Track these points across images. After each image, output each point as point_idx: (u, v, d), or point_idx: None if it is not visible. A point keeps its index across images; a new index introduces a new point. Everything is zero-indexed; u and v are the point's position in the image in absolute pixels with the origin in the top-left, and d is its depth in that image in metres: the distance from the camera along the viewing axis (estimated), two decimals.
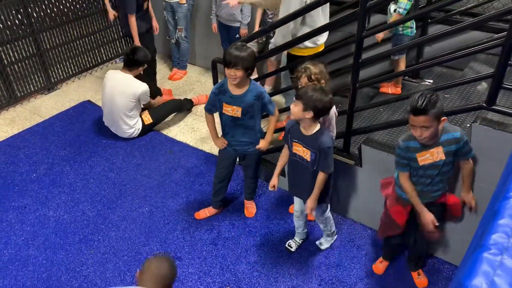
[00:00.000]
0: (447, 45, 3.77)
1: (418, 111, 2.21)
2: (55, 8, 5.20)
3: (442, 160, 2.40)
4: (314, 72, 2.71)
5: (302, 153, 2.71)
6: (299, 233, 3.25)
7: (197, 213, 3.51)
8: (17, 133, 4.61)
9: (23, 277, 3.09)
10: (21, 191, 3.84)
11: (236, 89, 2.90)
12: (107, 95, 4.29)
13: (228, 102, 2.93)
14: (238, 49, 2.75)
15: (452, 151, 2.39)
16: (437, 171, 2.45)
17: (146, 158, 4.20)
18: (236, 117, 2.96)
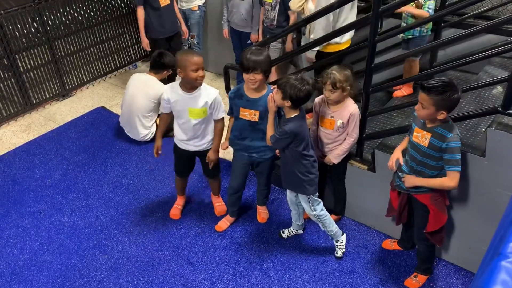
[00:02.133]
0: (461, 48, 3.73)
1: (423, 87, 2.33)
2: (70, 16, 5.28)
3: (424, 147, 2.45)
4: (338, 79, 2.75)
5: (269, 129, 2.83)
6: (294, 224, 3.35)
7: (218, 226, 3.47)
8: (33, 139, 4.68)
9: (38, 282, 3.12)
10: (37, 196, 3.88)
11: (254, 93, 2.91)
12: (128, 95, 4.37)
13: (245, 106, 2.93)
14: (255, 54, 2.77)
15: (437, 147, 2.40)
16: (418, 156, 2.50)
17: (159, 164, 4.22)
18: (253, 121, 2.96)
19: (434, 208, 2.61)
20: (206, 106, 2.99)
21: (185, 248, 3.33)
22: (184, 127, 3.13)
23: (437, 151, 2.42)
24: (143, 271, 3.17)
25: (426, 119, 2.44)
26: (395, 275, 3.07)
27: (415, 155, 2.53)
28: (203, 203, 3.74)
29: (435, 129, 2.41)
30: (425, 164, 2.50)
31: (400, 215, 2.87)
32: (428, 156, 2.46)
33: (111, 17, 5.73)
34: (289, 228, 3.38)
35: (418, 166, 2.54)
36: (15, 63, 4.90)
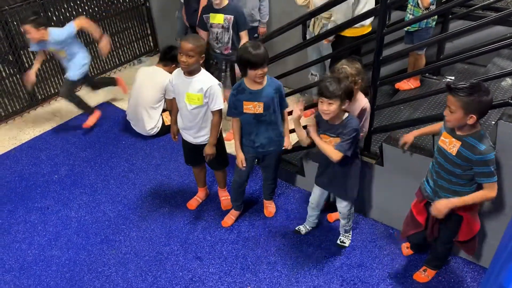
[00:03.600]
0: (468, 40, 3.70)
1: (450, 88, 2.18)
2: (74, 11, 5.27)
3: (451, 155, 2.31)
4: (350, 73, 2.71)
5: (330, 143, 2.72)
6: (309, 221, 3.32)
7: (224, 221, 3.47)
8: (39, 135, 4.68)
9: (46, 277, 3.13)
10: (44, 192, 3.89)
11: (256, 85, 2.89)
12: (136, 87, 4.39)
13: (249, 99, 2.91)
14: (257, 48, 2.74)
15: (466, 158, 2.25)
16: (444, 163, 2.36)
17: (165, 159, 4.22)
18: (258, 113, 2.94)
19: (469, 217, 2.48)
20: (201, 92, 2.96)
21: (192, 243, 3.33)
22: (182, 113, 3.13)
23: (466, 161, 2.26)
24: (151, 265, 3.17)
25: (456, 126, 2.26)
26: (403, 268, 3.06)
27: (441, 162, 2.39)
28: (210, 197, 3.74)
29: (466, 138, 2.24)
30: (451, 172, 2.35)
31: (432, 229, 2.66)
32: (455, 164, 2.31)
33: (116, 12, 5.71)
34: (304, 225, 3.36)
35: (444, 173, 2.39)
36: (20, 59, 4.89)
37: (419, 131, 2.70)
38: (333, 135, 2.70)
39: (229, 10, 3.79)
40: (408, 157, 2.92)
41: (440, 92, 2.92)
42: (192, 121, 3.10)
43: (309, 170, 3.59)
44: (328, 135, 2.72)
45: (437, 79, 3.92)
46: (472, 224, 2.52)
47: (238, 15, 3.80)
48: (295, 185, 3.81)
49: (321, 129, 2.76)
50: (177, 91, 3.06)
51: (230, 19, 3.79)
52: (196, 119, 3.08)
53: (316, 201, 3.13)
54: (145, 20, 6.11)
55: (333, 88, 2.51)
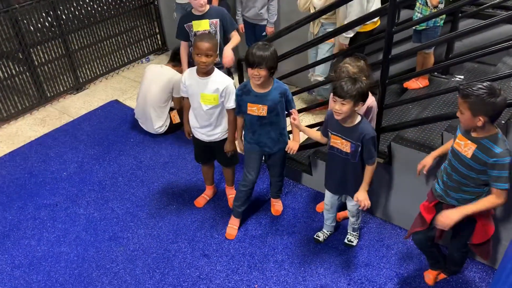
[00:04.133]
0: (478, 39, 3.68)
1: (458, 90, 2.17)
2: (83, 10, 5.31)
3: (466, 158, 2.27)
4: (353, 72, 2.67)
5: (341, 145, 2.70)
6: (327, 226, 3.26)
7: (228, 234, 3.37)
8: (48, 132, 4.72)
9: (55, 273, 3.16)
10: (52, 189, 3.92)
11: (261, 88, 2.88)
12: (144, 85, 4.41)
13: (253, 101, 2.90)
14: (260, 49, 2.72)
15: (481, 161, 2.21)
16: (459, 166, 2.32)
17: (173, 157, 4.23)
18: (262, 116, 2.94)
19: (483, 220, 2.45)
20: (217, 93, 2.97)
21: (200, 240, 3.34)
22: (197, 112, 3.14)
23: (481, 165, 2.21)
24: (159, 263, 3.19)
25: (467, 127, 2.24)
26: (411, 268, 3.05)
27: (455, 164, 2.34)
28: (218, 196, 3.75)
29: (481, 140, 2.19)
30: (465, 176, 2.31)
31: (442, 232, 2.62)
32: (469, 168, 2.27)
33: (124, 10, 5.74)
34: (322, 231, 3.30)
35: (457, 176, 2.35)
36: (29, 57, 4.94)
37: (436, 152, 2.63)
38: (344, 138, 2.66)
39: (213, 14, 3.60)
40: (417, 157, 2.90)
41: (449, 91, 2.91)
42: (207, 121, 3.11)
43: (316, 168, 3.59)
44: (339, 137, 2.69)
45: (446, 78, 3.90)
46: (486, 226, 2.48)
47: (223, 17, 3.62)
48: (302, 184, 3.81)
49: (332, 128, 2.73)
50: (191, 91, 3.06)
51: (216, 23, 3.61)
52: (212, 119, 3.10)
53: (329, 201, 3.08)
54: (153, 19, 6.14)
55: (348, 88, 2.46)
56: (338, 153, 2.75)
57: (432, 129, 3.06)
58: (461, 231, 2.59)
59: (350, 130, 2.63)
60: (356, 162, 2.71)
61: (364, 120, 2.66)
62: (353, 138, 2.63)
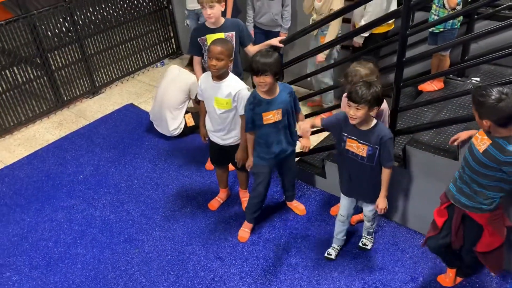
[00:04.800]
0: (494, 41, 3.63)
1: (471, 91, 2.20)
2: (99, 15, 5.38)
3: (478, 153, 2.25)
4: (365, 74, 2.67)
5: (357, 149, 2.68)
6: (338, 239, 3.17)
7: (240, 236, 3.39)
8: (65, 135, 4.80)
9: (72, 274, 3.21)
10: (69, 191, 3.98)
11: (270, 94, 2.88)
12: (162, 88, 4.46)
13: (267, 110, 2.89)
14: (264, 56, 2.74)
15: (493, 157, 2.19)
16: (471, 162, 2.31)
17: (187, 160, 4.26)
18: (278, 121, 2.94)
19: (490, 229, 2.43)
20: (230, 97, 2.98)
21: (214, 243, 3.36)
22: (211, 116, 3.17)
23: (493, 161, 2.20)
24: (173, 265, 3.21)
25: (481, 128, 2.26)
26: (426, 272, 3.02)
27: (468, 159, 2.34)
28: (231, 199, 3.76)
29: (496, 138, 2.19)
30: (476, 172, 2.30)
31: (456, 235, 2.61)
32: (480, 163, 2.26)
33: (139, 15, 5.81)
34: (332, 247, 3.20)
35: (469, 171, 2.34)
36: (47, 62, 5.03)
37: (470, 131, 2.60)
38: (361, 141, 2.65)
39: (228, 26, 3.40)
40: (432, 160, 2.89)
41: (464, 94, 2.88)
42: (221, 124, 3.13)
43: (330, 171, 3.58)
44: (355, 140, 2.67)
45: (461, 80, 3.86)
46: (494, 237, 2.46)
47: (240, 29, 3.44)
48: (316, 187, 3.80)
49: (347, 131, 2.70)
50: (206, 95, 3.08)
51: (232, 36, 3.41)
52: (225, 123, 3.12)
53: (346, 212, 3.02)
54: (168, 23, 6.19)
55: (362, 93, 2.45)
56: (353, 156, 2.73)
57: (447, 132, 3.03)
58: (468, 236, 2.58)
59: (366, 133, 2.62)
60: (373, 165, 2.68)
61: (380, 122, 2.64)
62: (370, 141, 2.61)
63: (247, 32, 3.51)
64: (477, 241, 2.53)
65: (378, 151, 2.62)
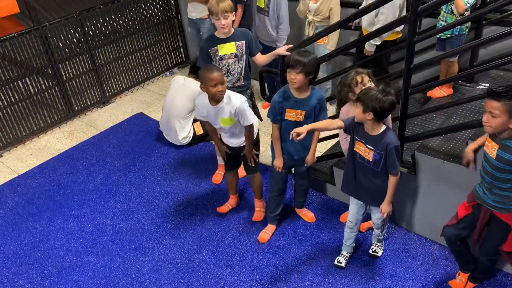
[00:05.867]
0: (502, 46, 3.62)
1: (492, 94, 2.14)
2: (109, 25, 5.46)
3: (492, 159, 2.28)
4: (367, 73, 2.74)
5: (364, 152, 2.69)
6: (347, 246, 3.16)
7: (260, 237, 3.41)
8: (76, 145, 4.85)
9: (83, 283, 3.23)
10: (80, 200, 4.02)
11: (300, 94, 2.93)
12: (169, 98, 4.50)
13: (292, 107, 2.95)
14: (300, 54, 2.80)
15: (506, 160, 2.22)
16: (489, 169, 2.32)
17: (197, 168, 4.29)
18: (298, 121, 2.98)
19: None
20: (231, 115, 3.11)
21: (223, 251, 3.37)
22: (221, 130, 3.28)
23: (506, 164, 2.23)
24: (183, 273, 3.22)
25: (497, 131, 2.23)
26: (437, 279, 2.99)
27: (486, 167, 2.36)
28: (242, 206, 3.77)
29: (503, 141, 2.22)
30: (495, 178, 2.32)
31: (480, 234, 2.61)
32: (497, 169, 2.28)
33: (149, 25, 5.88)
34: (342, 254, 3.18)
35: (489, 178, 2.37)
36: (58, 72, 5.11)
37: (474, 144, 2.60)
38: (368, 146, 2.66)
39: (239, 35, 3.43)
40: (442, 166, 2.87)
41: (474, 99, 2.87)
42: (231, 133, 3.26)
43: (340, 179, 3.56)
44: (363, 144, 2.68)
45: (470, 86, 3.85)
46: None
47: (249, 38, 3.46)
48: (325, 194, 3.80)
49: (358, 134, 2.71)
50: (210, 118, 3.19)
51: (243, 45, 3.43)
52: (235, 132, 3.25)
53: (354, 218, 3.01)
54: (177, 33, 6.26)
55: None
56: (360, 159, 2.75)
57: (456, 138, 3.02)
58: (493, 235, 2.56)
59: (374, 138, 2.63)
60: (379, 171, 2.69)
61: (389, 129, 2.64)
62: (377, 147, 2.62)
63: (255, 42, 3.54)
64: (504, 241, 2.52)
65: (384, 158, 2.63)
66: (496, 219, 2.49)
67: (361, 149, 2.71)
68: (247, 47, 3.47)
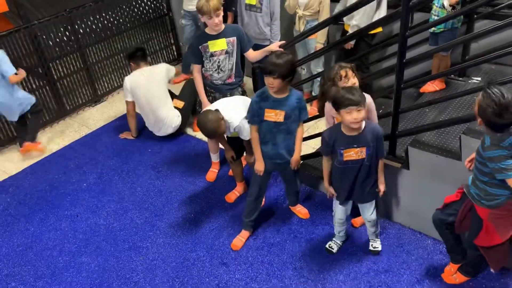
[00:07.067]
0: (494, 40, 3.62)
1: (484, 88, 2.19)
2: (100, 23, 5.41)
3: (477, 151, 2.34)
4: (350, 66, 2.74)
5: (355, 155, 2.68)
6: (339, 236, 3.24)
7: (233, 244, 3.36)
8: (68, 144, 4.81)
9: (77, 283, 3.20)
10: (73, 200, 3.99)
11: (279, 94, 2.90)
12: (142, 96, 4.43)
13: (271, 107, 2.92)
14: (276, 57, 2.77)
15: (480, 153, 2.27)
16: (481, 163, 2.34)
17: (190, 166, 4.27)
18: (278, 122, 2.95)
19: (490, 225, 2.46)
20: (234, 131, 3.21)
21: (218, 249, 3.35)
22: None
23: (479, 156, 2.31)
24: (178, 271, 3.21)
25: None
26: (432, 273, 3.00)
27: (479, 158, 2.38)
28: (236, 204, 3.76)
29: (485, 135, 2.29)
30: (477, 169, 2.38)
31: (461, 223, 2.65)
32: (477, 160, 2.36)
33: (140, 23, 5.84)
34: (334, 241, 3.25)
35: (475, 170, 2.42)
36: (49, 72, 5.05)
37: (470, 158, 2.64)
38: (360, 145, 2.66)
39: (230, 32, 3.44)
40: (435, 160, 2.88)
41: (466, 93, 2.88)
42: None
43: None
44: (354, 148, 2.67)
45: (462, 80, 3.85)
46: (492, 234, 2.48)
47: (241, 34, 3.48)
48: (319, 190, 3.80)
49: (340, 145, 2.69)
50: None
51: (234, 41, 3.45)
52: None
53: (344, 215, 3.07)
54: (168, 30, 6.22)
55: (358, 94, 2.50)
56: (353, 164, 2.73)
57: (449, 132, 3.03)
58: (470, 226, 2.62)
59: (361, 136, 2.64)
60: (372, 163, 2.74)
61: (367, 121, 2.69)
62: (367, 142, 2.65)
63: (247, 38, 3.52)
64: (477, 234, 2.56)
65: (375, 147, 2.68)
66: (474, 210, 2.54)
67: (352, 154, 2.69)
68: (239, 44, 3.45)
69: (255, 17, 4.38)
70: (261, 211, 3.50)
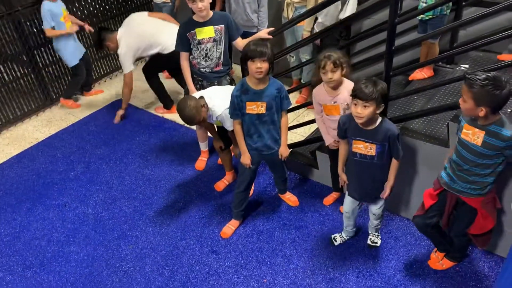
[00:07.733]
0: (482, 27, 3.64)
1: (465, 78, 2.15)
2: (85, 10, 5.32)
3: (477, 147, 2.27)
4: (338, 57, 2.69)
5: (364, 150, 2.63)
6: (348, 231, 3.19)
7: (223, 232, 3.37)
8: (54, 133, 4.75)
9: (66, 273, 3.19)
10: (61, 189, 3.95)
11: (259, 85, 2.86)
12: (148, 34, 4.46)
13: (252, 99, 2.88)
14: (259, 44, 2.76)
15: (494, 146, 2.21)
16: (470, 156, 2.32)
17: (179, 155, 4.25)
18: (261, 114, 2.92)
19: (484, 212, 2.47)
20: (218, 120, 3.18)
21: (208, 237, 3.36)
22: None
23: (493, 149, 2.22)
24: (168, 260, 3.21)
25: (468, 115, 2.27)
26: (419, 259, 3.05)
27: (465, 155, 2.34)
28: (224, 192, 3.76)
29: (489, 127, 2.20)
30: (477, 164, 2.31)
31: (448, 219, 2.66)
32: (482, 156, 2.27)
33: (126, 9, 5.75)
34: (340, 234, 3.23)
35: (468, 166, 2.35)
36: (34, 59, 4.96)
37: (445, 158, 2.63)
38: (368, 141, 2.60)
39: (217, 20, 3.38)
40: (422, 148, 2.90)
41: (454, 81, 2.89)
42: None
43: (322, 162, 3.59)
44: (363, 141, 2.62)
45: (451, 67, 3.87)
46: (487, 220, 2.50)
47: (229, 22, 3.41)
48: (308, 178, 3.81)
49: (351, 133, 2.65)
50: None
51: (222, 29, 3.39)
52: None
53: (350, 209, 3.01)
54: None
55: (370, 90, 2.38)
56: (362, 159, 2.69)
57: (438, 119, 3.05)
58: (461, 219, 2.62)
59: (372, 132, 2.57)
60: (384, 163, 2.66)
61: (386, 119, 2.60)
62: (377, 139, 2.57)
63: (235, 26, 3.47)
64: (470, 224, 2.57)
65: (388, 147, 2.59)
66: (462, 203, 2.53)
67: (361, 147, 2.64)
68: (227, 32, 3.41)
69: (242, 3, 4.34)
70: (251, 199, 3.52)
